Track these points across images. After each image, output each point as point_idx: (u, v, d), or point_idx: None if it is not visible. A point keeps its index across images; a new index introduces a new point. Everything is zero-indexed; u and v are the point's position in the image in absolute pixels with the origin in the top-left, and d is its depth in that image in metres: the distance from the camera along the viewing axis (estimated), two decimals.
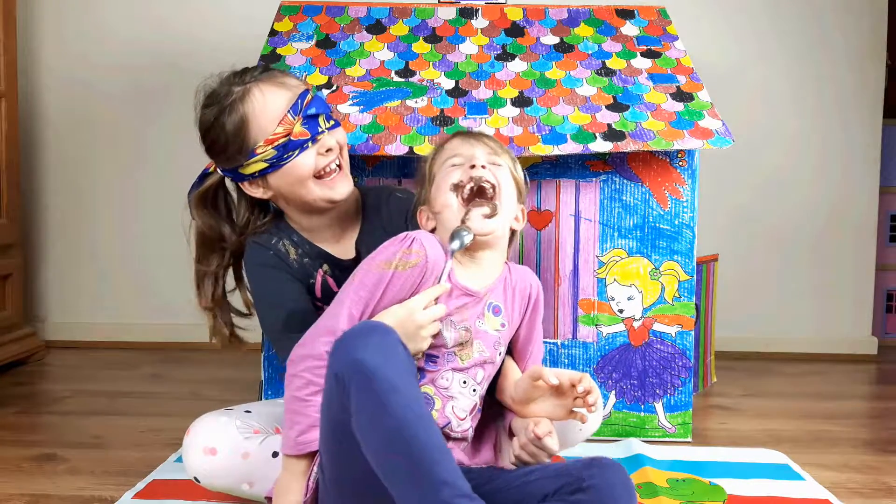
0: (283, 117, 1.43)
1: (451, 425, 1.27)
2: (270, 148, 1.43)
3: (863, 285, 3.10)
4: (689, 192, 2.00)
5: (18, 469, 1.76)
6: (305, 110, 1.44)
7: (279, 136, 1.43)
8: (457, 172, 1.32)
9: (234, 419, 1.43)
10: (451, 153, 1.36)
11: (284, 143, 1.43)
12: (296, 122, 1.43)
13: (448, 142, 1.40)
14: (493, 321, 1.33)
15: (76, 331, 3.10)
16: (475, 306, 1.31)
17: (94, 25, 3.07)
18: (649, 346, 2.02)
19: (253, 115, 1.44)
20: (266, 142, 1.43)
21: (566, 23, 2.26)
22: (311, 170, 1.45)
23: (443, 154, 1.38)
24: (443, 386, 1.27)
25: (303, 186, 1.46)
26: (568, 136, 1.92)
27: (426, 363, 1.27)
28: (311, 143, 1.45)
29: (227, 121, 1.45)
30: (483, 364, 1.32)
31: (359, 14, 2.25)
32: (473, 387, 1.30)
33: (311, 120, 1.45)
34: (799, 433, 2.10)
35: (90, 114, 3.08)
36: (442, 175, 1.34)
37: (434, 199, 1.34)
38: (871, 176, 3.08)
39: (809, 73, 3.05)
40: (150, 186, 3.07)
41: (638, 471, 1.73)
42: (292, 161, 1.44)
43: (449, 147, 1.38)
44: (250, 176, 1.48)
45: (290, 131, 1.43)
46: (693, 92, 2.05)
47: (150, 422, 2.11)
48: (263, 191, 1.50)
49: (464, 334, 1.29)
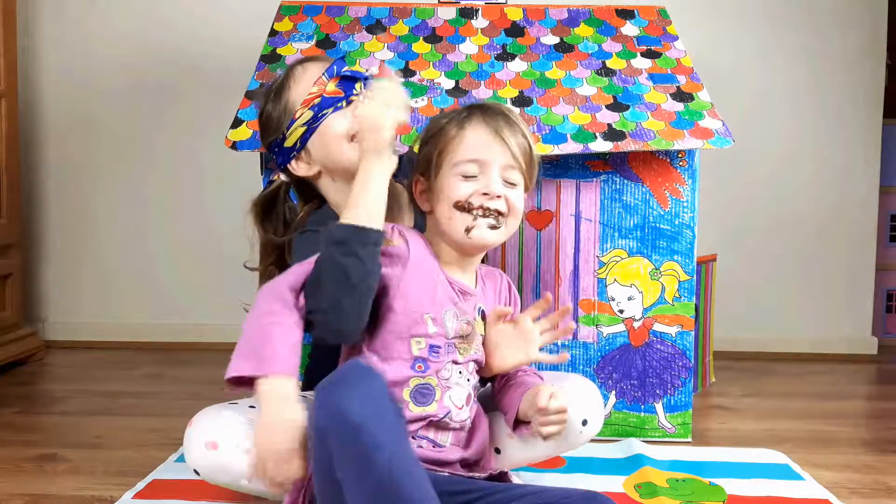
0: (318, 79, 1.47)
1: (450, 414, 1.28)
2: (307, 109, 1.46)
3: (863, 285, 3.10)
4: (689, 192, 2.00)
5: (18, 469, 1.76)
6: (340, 72, 1.47)
7: (314, 96, 1.46)
8: (466, 187, 1.28)
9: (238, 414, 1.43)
10: (466, 154, 1.29)
11: (319, 102, 1.46)
12: (330, 82, 1.46)
13: (464, 127, 1.30)
14: (480, 325, 1.34)
15: (76, 331, 3.10)
16: (469, 308, 1.33)
17: (95, 25, 3.07)
18: (649, 347, 2.02)
19: (294, 85, 1.48)
20: (303, 103, 1.46)
21: (566, 23, 2.26)
22: (344, 130, 1.45)
23: (456, 146, 1.29)
24: (444, 377, 1.28)
25: (338, 148, 1.46)
26: (568, 135, 1.92)
27: (430, 353, 1.26)
28: (346, 103, 1.46)
29: (272, 103, 1.50)
30: (476, 361, 1.34)
31: (359, 14, 2.25)
32: (468, 377, 1.31)
33: (346, 81, 1.47)
34: (799, 433, 2.10)
35: (90, 114, 3.08)
36: (450, 180, 1.29)
37: (436, 200, 1.30)
38: (871, 176, 3.08)
39: (809, 73, 3.05)
40: (150, 186, 3.07)
41: (638, 471, 1.73)
42: (326, 120, 1.46)
43: (465, 141, 1.29)
44: (294, 149, 1.49)
45: (323, 90, 1.46)
46: (693, 92, 2.05)
47: (150, 422, 2.11)
48: (308, 166, 1.51)
49: (465, 327, 1.30)
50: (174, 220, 3.08)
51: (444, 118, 1.34)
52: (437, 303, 1.28)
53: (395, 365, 1.25)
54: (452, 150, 1.29)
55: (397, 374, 1.25)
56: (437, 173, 1.30)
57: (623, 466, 1.77)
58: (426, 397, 1.26)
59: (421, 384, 1.26)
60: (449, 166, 1.29)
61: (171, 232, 3.08)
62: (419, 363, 1.26)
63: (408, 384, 1.25)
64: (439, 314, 1.28)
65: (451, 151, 1.29)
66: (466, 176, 1.28)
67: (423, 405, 1.26)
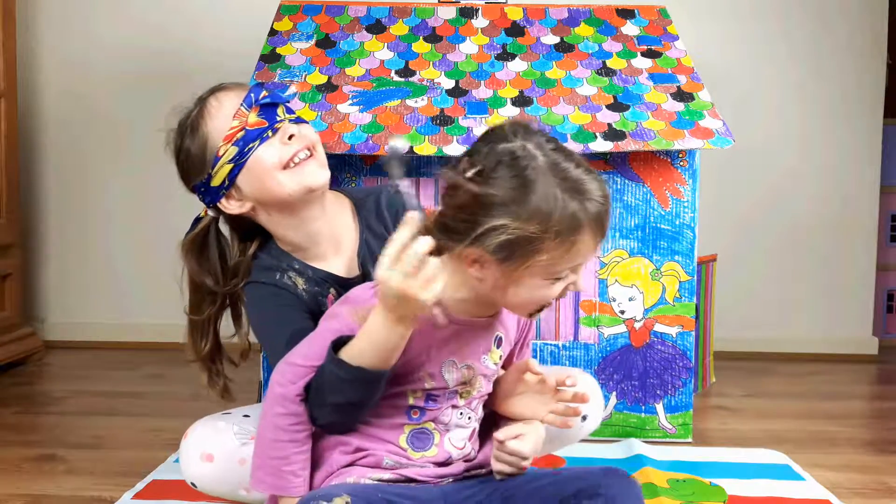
0: (237, 111, 1.36)
1: (451, 457, 1.22)
2: (230, 145, 1.36)
3: (863, 285, 3.10)
4: (689, 192, 2.00)
5: (18, 469, 1.76)
6: (259, 101, 1.37)
7: (236, 130, 1.36)
8: (556, 288, 1.10)
9: (232, 425, 1.42)
10: (567, 263, 1.08)
11: (242, 136, 1.35)
12: (250, 112, 1.36)
13: (575, 243, 1.06)
14: (495, 354, 1.23)
15: (76, 331, 3.10)
16: (482, 340, 1.21)
17: (95, 25, 3.07)
18: (650, 347, 2.02)
19: (210, 121, 1.38)
20: (225, 139, 1.36)
21: (566, 22, 2.25)
22: (275, 160, 1.35)
23: (560, 258, 1.07)
24: (442, 422, 1.21)
25: (272, 180, 1.36)
26: (568, 135, 1.92)
27: (426, 402, 1.19)
28: (271, 132, 1.36)
29: (189, 139, 1.41)
30: (481, 398, 1.25)
31: (359, 14, 2.25)
32: (469, 415, 1.24)
33: (267, 109, 1.37)
34: (799, 433, 2.10)
35: (90, 113, 3.08)
36: (540, 283, 1.09)
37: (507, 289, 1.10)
38: (871, 176, 3.08)
39: (810, 73, 3.05)
40: (150, 186, 3.07)
41: (638, 471, 1.73)
42: (254, 153, 1.35)
43: (570, 254, 1.07)
44: (222, 187, 1.40)
45: (245, 123, 1.36)
46: (693, 92, 2.05)
47: (150, 422, 2.11)
48: (240, 203, 1.41)
49: (466, 373, 1.20)
50: (174, 220, 3.06)
51: (542, 211, 1.04)
52: (434, 358, 1.18)
53: (388, 412, 1.19)
54: (554, 262, 1.07)
55: (392, 421, 1.19)
56: (518, 268, 1.07)
57: (623, 466, 1.75)
58: (424, 442, 1.20)
59: (417, 429, 1.20)
60: (544, 272, 1.08)
61: (172, 232, 3.05)
62: (415, 410, 1.19)
63: (402, 430, 1.20)
64: (437, 370, 1.18)
65: (552, 262, 1.07)
66: (559, 278, 1.10)
67: (422, 450, 1.20)
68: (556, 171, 1.07)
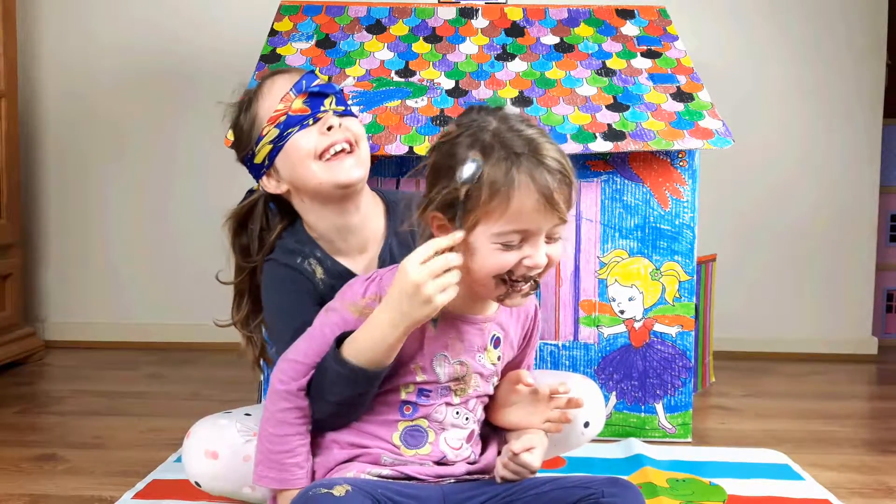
0: (285, 95, 1.38)
1: (446, 457, 1.21)
2: (273, 127, 1.38)
3: (863, 285, 3.10)
4: (689, 192, 2.00)
5: (18, 469, 1.76)
6: (308, 88, 1.39)
7: (280, 113, 1.38)
8: (507, 258, 1.10)
9: (235, 422, 1.42)
10: (510, 225, 1.08)
11: (284, 119, 1.38)
12: (297, 98, 1.38)
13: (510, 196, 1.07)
14: (491, 354, 1.23)
15: (76, 331, 3.10)
16: (476, 337, 1.21)
17: (95, 25, 3.06)
18: (650, 347, 2.02)
19: (262, 100, 1.41)
20: (269, 120, 1.38)
21: (566, 23, 2.26)
22: (310, 148, 1.37)
23: (499, 216, 1.08)
24: (436, 419, 1.20)
25: (305, 168, 1.37)
26: (568, 135, 1.92)
27: (418, 397, 1.19)
28: (312, 120, 1.38)
29: (243, 114, 1.44)
30: (479, 399, 1.24)
31: (359, 14, 2.25)
32: (467, 416, 1.23)
33: (314, 98, 1.39)
34: (799, 433, 2.10)
35: (90, 113, 3.08)
36: (488, 250, 1.10)
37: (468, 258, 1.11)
38: (871, 176, 3.08)
39: (809, 73, 3.05)
40: (150, 186, 3.07)
41: (638, 471, 1.73)
42: (292, 138, 1.37)
43: (510, 211, 1.08)
44: (263, 166, 1.43)
45: (289, 108, 1.38)
46: (693, 92, 2.05)
47: (150, 422, 2.11)
48: (277, 183, 1.43)
49: (458, 369, 1.19)
50: (174, 219, 3.07)
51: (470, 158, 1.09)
52: (426, 351, 1.18)
53: (381, 408, 1.19)
54: (494, 220, 1.08)
55: (384, 417, 1.19)
56: (470, 231, 1.10)
57: (623, 466, 1.77)
58: (417, 439, 1.20)
59: (410, 426, 1.20)
60: (487, 234, 1.09)
61: (172, 232, 3.08)
62: (407, 405, 1.19)
63: (396, 427, 1.19)
64: (428, 363, 1.18)
65: (491, 221, 1.09)
66: (508, 245, 1.10)
67: (416, 447, 1.19)
68: (504, 132, 1.11)
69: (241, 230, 1.49)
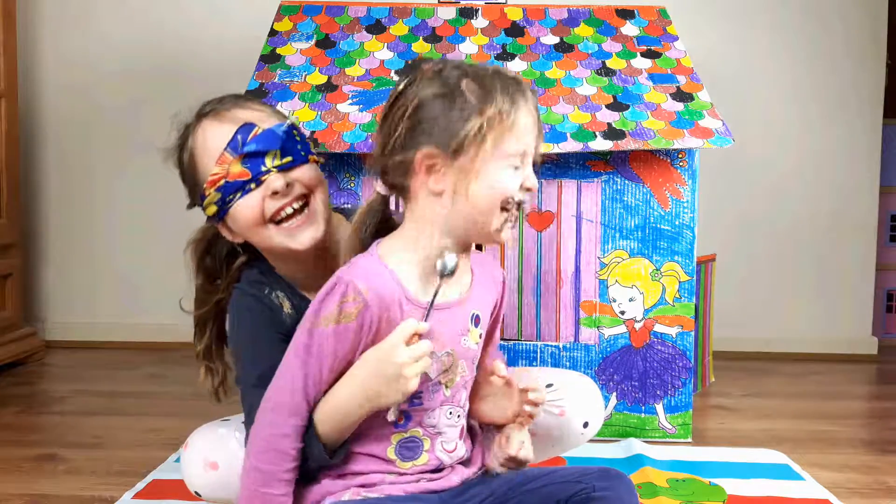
0: (220, 156, 1.25)
1: (443, 464, 1.18)
2: (213, 190, 1.26)
3: (863, 285, 3.10)
4: (689, 192, 2.00)
5: (18, 469, 1.76)
6: (244, 147, 1.25)
7: (218, 178, 1.25)
8: (515, 181, 1.09)
9: (234, 431, 1.41)
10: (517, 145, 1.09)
11: (223, 185, 1.25)
12: (234, 160, 1.25)
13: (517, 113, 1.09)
14: (474, 333, 1.17)
15: (76, 331, 3.10)
16: (457, 321, 1.15)
17: (95, 25, 3.07)
18: (650, 348, 2.02)
19: (199, 156, 1.30)
20: (208, 184, 1.26)
21: (566, 23, 2.26)
22: (257, 215, 1.25)
23: (510, 133, 1.08)
24: (430, 424, 1.15)
25: (257, 233, 1.27)
26: (568, 134, 1.92)
27: (410, 405, 1.13)
28: (255, 184, 1.24)
29: (182, 157, 1.34)
30: (465, 384, 1.19)
31: (359, 14, 2.25)
32: (458, 413, 1.19)
33: (253, 158, 1.25)
34: (799, 433, 2.10)
35: (90, 113, 3.08)
36: (501, 171, 1.08)
37: (471, 189, 1.07)
38: (871, 176, 3.08)
39: (809, 73, 3.05)
40: (150, 186, 3.07)
41: (638, 471, 1.73)
42: (235, 205, 1.25)
43: (517, 128, 1.09)
44: (215, 218, 1.31)
45: (226, 173, 1.25)
46: (693, 92, 2.05)
47: (150, 422, 2.11)
48: (231, 235, 1.32)
49: (446, 360, 1.14)
50: (174, 220, 3.06)
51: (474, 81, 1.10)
52: None
53: (373, 422, 1.12)
54: (506, 137, 1.08)
55: (377, 432, 1.13)
56: (477, 155, 1.06)
57: (623, 466, 1.77)
58: (413, 451, 1.15)
59: (404, 438, 1.15)
60: (500, 155, 1.08)
61: (172, 232, 3.07)
62: (399, 416, 1.12)
63: (390, 441, 1.14)
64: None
65: (503, 138, 1.07)
66: (516, 167, 1.10)
67: (412, 459, 1.15)
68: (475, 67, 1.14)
69: (205, 253, 1.40)
